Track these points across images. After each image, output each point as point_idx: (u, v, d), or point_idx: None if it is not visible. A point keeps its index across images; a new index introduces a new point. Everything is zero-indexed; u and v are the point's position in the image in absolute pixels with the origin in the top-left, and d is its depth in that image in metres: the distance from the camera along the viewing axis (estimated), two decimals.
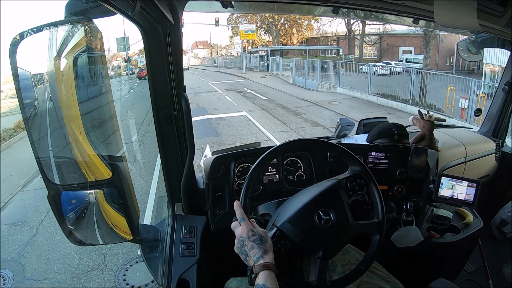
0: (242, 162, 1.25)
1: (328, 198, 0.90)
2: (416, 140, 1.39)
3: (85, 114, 0.82)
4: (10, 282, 2.66)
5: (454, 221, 1.33)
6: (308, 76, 13.59)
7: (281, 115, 8.28)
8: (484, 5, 0.79)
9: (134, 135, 6.19)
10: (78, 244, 0.92)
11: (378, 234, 0.90)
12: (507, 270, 1.37)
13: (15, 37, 0.70)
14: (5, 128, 7.55)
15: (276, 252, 0.77)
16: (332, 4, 1.13)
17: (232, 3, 1.05)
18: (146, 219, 3.36)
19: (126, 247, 2.88)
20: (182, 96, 1.03)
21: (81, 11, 0.74)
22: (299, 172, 1.30)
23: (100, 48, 0.79)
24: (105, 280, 2.60)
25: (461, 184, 1.21)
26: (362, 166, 0.96)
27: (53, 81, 0.79)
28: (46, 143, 0.82)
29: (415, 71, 9.08)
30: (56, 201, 0.83)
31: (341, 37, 24.36)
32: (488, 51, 5.66)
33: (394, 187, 1.28)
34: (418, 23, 1.32)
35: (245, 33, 21.59)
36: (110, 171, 0.85)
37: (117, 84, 14.11)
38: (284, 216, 0.88)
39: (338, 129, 1.47)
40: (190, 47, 38.99)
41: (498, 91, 1.71)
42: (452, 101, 7.40)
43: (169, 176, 1.15)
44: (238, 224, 0.78)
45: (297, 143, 1.06)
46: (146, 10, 0.79)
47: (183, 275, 1.00)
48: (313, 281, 0.84)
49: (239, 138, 6.32)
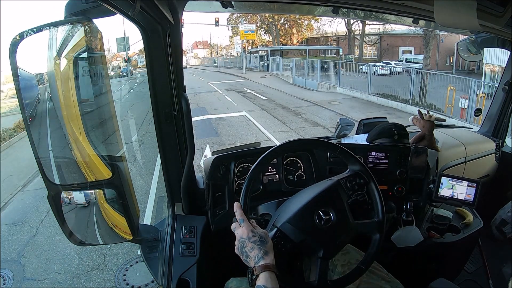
0: (242, 162, 1.25)
1: (328, 198, 0.90)
2: (416, 140, 1.39)
3: (85, 114, 0.82)
4: (10, 282, 2.66)
5: (454, 221, 1.33)
6: (308, 76, 13.59)
7: (281, 115, 8.28)
8: (484, 5, 0.79)
9: (134, 135, 6.19)
10: (78, 244, 0.92)
11: (378, 233, 0.90)
12: (507, 270, 1.37)
13: (15, 37, 0.70)
14: (5, 128, 7.55)
15: (277, 253, 0.77)
16: (332, 4, 1.13)
17: (232, 3, 1.05)
18: (146, 219, 3.36)
19: (126, 247, 2.88)
20: (182, 96, 1.03)
21: (81, 11, 0.74)
22: (299, 172, 1.30)
23: (100, 48, 0.79)
24: (105, 280, 2.60)
25: (461, 184, 1.21)
26: (361, 166, 0.96)
27: (53, 81, 0.79)
28: (46, 143, 0.82)
29: (415, 71, 9.09)
30: (56, 201, 0.83)
31: (341, 37, 24.36)
32: (488, 51, 5.66)
33: (394, 187, 1.27)
34: (418, 23, 1.32)
35: (245, 33, 21.59)
36: (110, 171, 0.85)
37: (117, 84, 14.11)
38: (284, 217, 0.87)
39: (338, 129, 1.47)
40: (190, 47, 38.98)
41: (498, 91, 1.71)
42: (452, 101, 7.41)
43: (169, 176, 1.15)
44: (238, 225, 0.78)
45: (297, 143, 1.06)
46: (146, 10, 0.79)
47: (183, 275, 1.00)
48: (314, 281, 0.83)
49: (239, 138, 6.32)
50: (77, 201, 0.87)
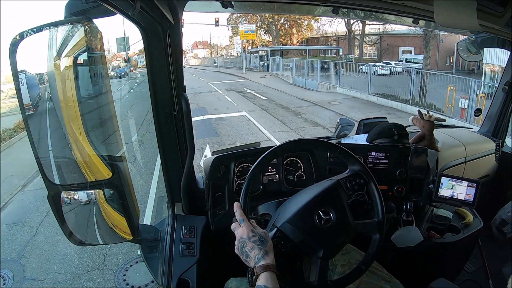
0: (242, 162, 1.25)
1: (328, 198, 0.90)
2: (416, 140, 1.39)
3: (85, 114, 0.82)
4: (10, 282, 2.66)
5: (454, 221, 1.33)
6: (308, 76, 13.59)
7: (281, 115, 8.28)
8: (484, 5, 0.79)
9: (134, 135, 6.19)
10: (78, 244, 0.92)
11: (378, 234, 0.90)
12: (507, 270, 1.37)
13: (15, 37, 0.70)
14: (5, 128, 7.55)
15: (277, 253, 0.77)
16: (332, 4, 1.13)
17: (232, 3, 1.05)
18: (146, 219, 3.36)
19: (126, 247, 2.88)
20: (182, 96, 1.03)
21: (81, 11, 0.74)
22: (299, 172, 1.30)
23: (100, 48, 0.79)
24: (105, 280, 2.60)
25: (461, 184, 1.21)
26: (361, 166, 0.96)
27: (53, 81, 0.79)
28: (46, 143, 0.83)
29: (415, 71, 9.08)
30: (56, 201, 0.83)
31: (341, 37, 24.35)
32: (488, 51, 5.66)
33: (394, 187, 1.27)
34: (418, 23, 1.32)
35: (245, 33, 21.59)
36: (110, 171, 0.85)
37: (117, 84, 14.11)
38: (284, 217, 0.87)
39: (338, 129, 1.47)
40: (190, 47, 38.95)
41: (498, 91, 1.71)
42: (452, 101, 7.41)
43: (169, 176, 1.15)
44: (238, 225, 0.78)
45: (297, 143, 1.06)
46: (146, 10, 0.79)
47: (183, 275, 1.00)
48: (314, 281, 0.83)
49: (239, 138, 6.32)
50: (79, 199, 0.87)
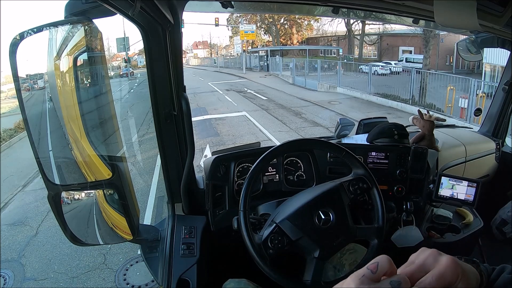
0: (242, 162, 1.25)
1: (329, 198, 0.90)
2: (416, 140, 1.39)
3: (85, 114, 0.82)
4: (10, 282, 2.66)
5: (454, 221, 1.33)
6: (308, 76, 13.57)
7: (281, 115, 8.28)
8: (484, 5, 0.79)
9: (134, 135, 6.19)
10: (79, 245, 0.92)
11: (377, 239, 0.90)
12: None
13: (15, 37, 0.70)
14: (5, 128, 7.55)
15: (274, 249, 0.76)
16: (332, 4, 1.13)
17: (232, 3, 1.05)
18: (146, 219, 3.36)
19: (126, 247, 2.88)
20: (182, 96, 1.03)
21: (81, 11, 0.74)
22: (299, 172, 1.30)
23: (100, 48, 0.79)
24: (106, 280, 2.61)
25: (461, 184, 1.21)
26: (366, 171, 0.96)
27: (53, 81, 0.79)
28: (46, 143, 0.83)
29: (415, 71, 9.07)
30: (56, 201, 0.83)
31: (341, 37, 24.34)
32: (488, 51, 5.66)
33: (394, 187, 1.27)
34: (418, 23, 1.32)
35: (245, 33, 21.56)
36: (110, 171, 0.85)
37: (117, 84, 14.11)
38: (283, 214, 0.88)
39: (338, 129, 1.47)
40: (190, 47, 38.92)
41: (498, 91, 1.71)
42: (452, 100, 7.40)
43: (169, 176, 1.15)
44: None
45: (297, 143, 1.06)
46: (146, 10, 0.79)
47: (183, 275, 1.00)
48: (308, 280, 0.84)
49: (239, 138, 6.31)
50: (80, 199, 0.87)
